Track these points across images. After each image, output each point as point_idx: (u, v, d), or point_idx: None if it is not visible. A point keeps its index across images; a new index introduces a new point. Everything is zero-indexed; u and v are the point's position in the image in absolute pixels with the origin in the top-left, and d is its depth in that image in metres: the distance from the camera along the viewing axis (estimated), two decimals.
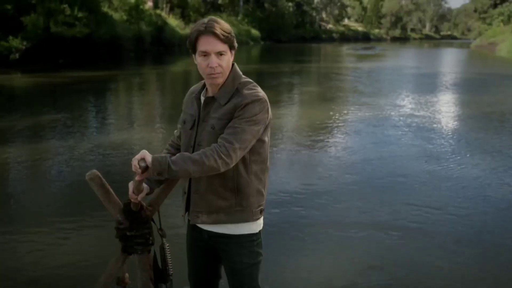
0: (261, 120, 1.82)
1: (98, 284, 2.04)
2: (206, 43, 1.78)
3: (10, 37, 17.88)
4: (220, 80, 1.83)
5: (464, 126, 9.44)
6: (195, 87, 2.03)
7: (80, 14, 19.94)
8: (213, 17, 1.84)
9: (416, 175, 5.90)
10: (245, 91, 1.83)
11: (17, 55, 18.10)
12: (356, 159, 6.71)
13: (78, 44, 19.86)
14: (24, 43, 18.25)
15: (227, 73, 1.85)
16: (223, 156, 1.75)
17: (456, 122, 9.70)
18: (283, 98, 12.64)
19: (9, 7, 18.24)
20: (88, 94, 12.93)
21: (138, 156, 1.76)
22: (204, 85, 1.96)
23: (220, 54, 1.79)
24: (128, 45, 25.22)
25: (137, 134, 8.22)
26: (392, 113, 10.29)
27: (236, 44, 1.86)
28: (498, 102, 12.46)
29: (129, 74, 18.17)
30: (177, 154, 1.81)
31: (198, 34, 1.78)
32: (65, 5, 19.55)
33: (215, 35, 1.77)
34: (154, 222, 2.02)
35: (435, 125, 9.16)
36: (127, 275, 2.06)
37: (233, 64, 1.89)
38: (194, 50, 1.83)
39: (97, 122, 9.52)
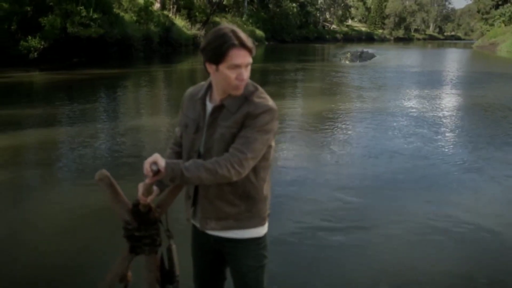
0: (272, 129, 1.82)
1: (104, 282, 2.05)
2: (240, 57, 1.75)
3: (29, 37, 18.43)
4: (242, 90, 1.83)
5: (452, 115, 10.48)
6: (194, 90, 1.98)
7: (95, 15, 20.50)
8: (233, 27, 1.80)
9: (404, 148, 7.22)
10: (256, 100, 1.81)
11: (35, 54, 18.62)
12: (353, 139, 7.85)
13: (91, 44, 20.49)
14: (42, 42, 18.80)
15: None
16: (235, 166, 1.75)
17: (444, 112, 10.68)
18: (288, 92, 13.65)
19: (28, 8, 18.80)
20: (101, 90, 13.66)
21: (150, 160, 1.72)
22: (207, 89, 1.91)
23: (247, 66, 1.79)
24: (137, 45, 25.73)
25: (147, 122, 9.12)
26: (390, 105, 11.35)
27: None
28: (485, 97, 13.48)
29: (139, 72, 18.83)
30: (190, 161, 1.79)
31: (231, 47, 1.73)
32: (81, 7, 20.10)
33: (248, 49, 1.77)
34: (161, 223, 2.00)
35: (427, 114, 10.20)
36: (130, 273, 2.06)
37: None
38: (220, 61, 1.76)
39: (109, 112, 10.31)
